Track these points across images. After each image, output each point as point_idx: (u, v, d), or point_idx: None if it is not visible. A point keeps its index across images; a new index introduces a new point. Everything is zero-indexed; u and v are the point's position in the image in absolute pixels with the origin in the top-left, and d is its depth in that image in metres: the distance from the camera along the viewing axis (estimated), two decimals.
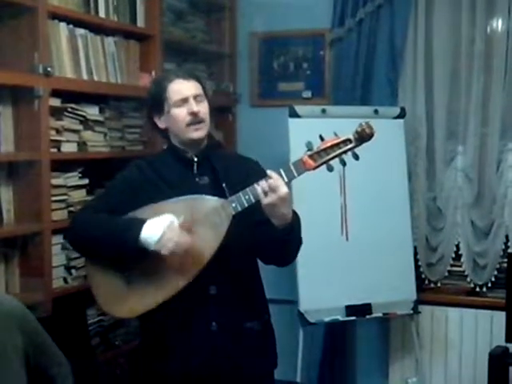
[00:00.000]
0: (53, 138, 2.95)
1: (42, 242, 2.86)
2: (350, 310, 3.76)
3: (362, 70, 4.07)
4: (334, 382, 4.19)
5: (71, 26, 3.07)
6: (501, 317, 3.84)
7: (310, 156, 2.33)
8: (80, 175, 3.16)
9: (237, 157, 2.75)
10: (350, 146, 2.33)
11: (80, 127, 3.15)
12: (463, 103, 3.99)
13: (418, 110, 4.06)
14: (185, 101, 2.50)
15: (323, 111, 3.81)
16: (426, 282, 4.16)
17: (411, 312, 3.89)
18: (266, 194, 2.28)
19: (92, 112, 3.22)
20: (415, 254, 4.06)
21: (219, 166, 2.54)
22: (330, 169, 2.37)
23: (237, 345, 2.49)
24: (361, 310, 3.78)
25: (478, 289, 4.07)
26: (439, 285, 4.17)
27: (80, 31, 3.13)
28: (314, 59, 4.32)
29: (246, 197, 2.35)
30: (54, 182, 2.97)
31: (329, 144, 2.33)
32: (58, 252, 2.99)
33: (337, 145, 2.33)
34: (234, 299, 2.48)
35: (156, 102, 2.56)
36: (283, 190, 2.28)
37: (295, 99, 4.20)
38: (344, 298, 3.74)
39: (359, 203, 3.76)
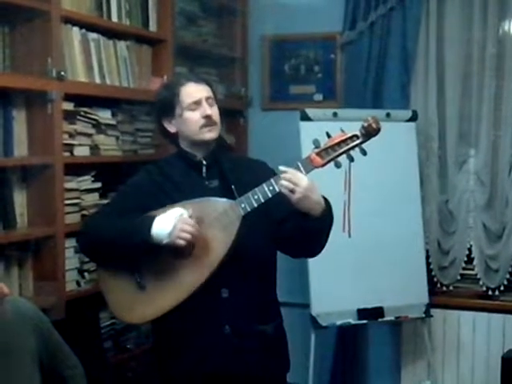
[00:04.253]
0: (66, 141, 2.96)
1: (55, 245, 2.87)
2: (362, 313, 3.75)
3: (373, 73, 4.06)
4: None
5: (84, 30, 3.09)
6: None
7: (318, 153, 2.33)
8: (93, 179, 3.18)
9: (244, 159, 2.75)
10: (357, 142, 2.33)
11: (93, 131, 3.16)
12: (475, 106, 3.98)
13: (429, 113, 4.06)
14: (198, 103, 2.52)
15: (335, 114, 3.80)
16: (438, 285, 4.15)
17: (423, 315, 3.88)
18: (292, 191, 2.28)
19: (104, 116, 3.23)
20: (427, 257, 4.05)
21: (228, 168, 2.54)
22: (338, 165, 2.36)
23: (250, 348, 2.48)
24: (373, 314, 3.77)
25: (490, 292, 4.05)
26: (451, 288, 4.15)
27: (93, 35, 3.15)
28: (326, 62, 4.32)
29: (255, 197, 2.36)
30: (67, 185, 2.98)
31: (336, 140, 2.33)
32: (71, 255, 3.00)
33: (344, 141, 2.33)
34: (246, 302, 2.47)
35: (167, 106, 2.57)
36: (305, 181, 2.29)
37: (306, 102, 4.20)
38: (356, 301, 3.74)
39: (365, 202, 3.73)
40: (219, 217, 2.40)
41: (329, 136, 2.36)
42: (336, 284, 3.70)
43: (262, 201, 2.36)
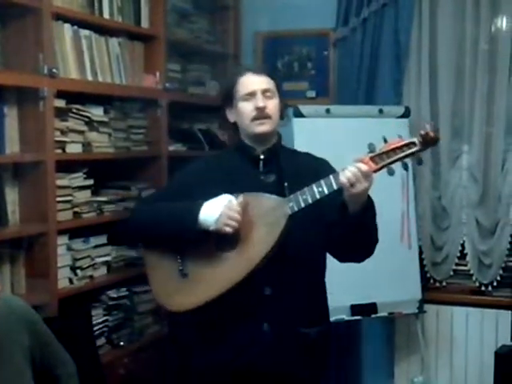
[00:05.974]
0: (58, 138, 2.95)
1: (47, 242, 2.87)
2: (355, 309, 3.75)
3: (366, 70, 4.06)
4: (339, 382, 4.19)
5: (76, 27, 3.09)
6: (506, 316, 3.85)
7: (372, 158, 2.27)
8: (85, 176, 3.17)
9: (307, 156, 2.63)
10: (413, 150, 2.25)
11: (85, 128, 3.15)
12: (468, 102, 3.99)
13: (422, 110, 4.06)
14: (252, 95, 2.47)
15: (328, 111, 3.80)
16: (432, 281, 4.16)
17: (416, 311, 3.89)
18: (356, 182, 2.24)
19: (97, 113, 3.23)
20: (420, 253, 4.05)
21: (287, 165, 2.50)
22: (391, 172, 2.31)
23: (287, 349, 2.42)
24: (366, 310, 3.77)
25: (483, 288, 4.06)
26: (444, 284, 4.16)
27: (84, 32, 3.14)
28: (319, 59, 4.32)
29: (304, 197, 2.31)
30: (59, 182, 2.97)
31: (392, 146, 2.26)
32: (63, 252, 3.00)
33: (400, 148, 2.25)
34: (290, 302, 2.41)
35: (227, 95, 2.55)
36: (370, 180, 2.27)
37: (300, 99, 4.20)
38: (349, 297, 3.73)
39: None
40: (266, 213, 2.37)
41: (385, 141, 2.30)
42: (329, 280, 3.68)
43: (310, 201, 2.31)
